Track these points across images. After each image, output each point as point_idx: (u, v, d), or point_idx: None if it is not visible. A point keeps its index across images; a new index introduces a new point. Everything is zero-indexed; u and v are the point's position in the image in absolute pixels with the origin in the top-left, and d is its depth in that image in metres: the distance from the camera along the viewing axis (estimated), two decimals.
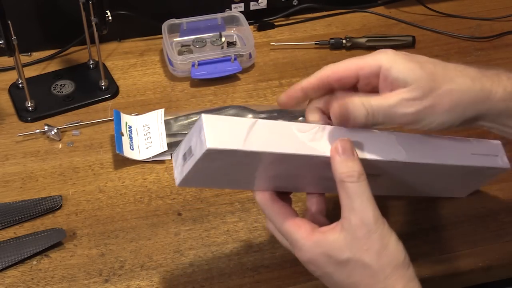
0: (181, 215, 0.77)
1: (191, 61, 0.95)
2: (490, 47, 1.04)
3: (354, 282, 0.55)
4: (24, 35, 0.86)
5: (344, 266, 0.54)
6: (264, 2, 1.06)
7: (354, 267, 0.54)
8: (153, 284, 0.70)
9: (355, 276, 0.54)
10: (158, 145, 0.84)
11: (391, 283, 0.53)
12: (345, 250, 0.54)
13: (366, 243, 0.53)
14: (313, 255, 0.56)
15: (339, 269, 0.55)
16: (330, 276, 0.56)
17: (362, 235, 0.53)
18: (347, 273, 0.55)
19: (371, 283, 0.54)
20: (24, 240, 0.72)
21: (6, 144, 0.86)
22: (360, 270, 0.54)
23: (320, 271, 0.57)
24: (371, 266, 0.53)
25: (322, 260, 0.55)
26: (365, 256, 0.53)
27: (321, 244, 0.55)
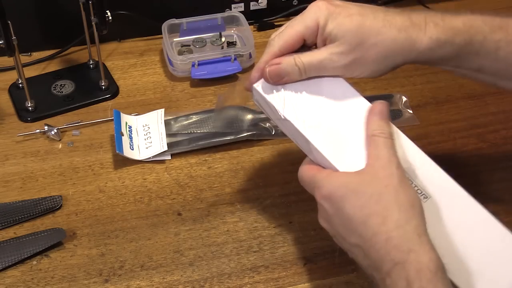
0: (181, 215, 0.77)
1: (191, 61, 0.95)
2: None
3: (367, 213, 0.54)
4: (24, 35, 0.86)
5: (360, 197, 0.54)
6: (264, 2, 1.06)
7: (370, 199, 0.54)
8: (153, 284, 0.70)
9: (369, 208, 0.54)
10: (158, 145, 0.84)
11: (405, 217, 0.53)
12: (363, 184, 0.54)
13: (386, 181, 0.54)
14: (330, 188, 0.56)
15: (355, 199, 0.54)
16: (343, 209, 0.55)
17: (383, 175, 0.54)
18: (361, 204, 0.54)
19: (385, 213, 0.53)
20: (24, 240, 0.72)
21: (6, 144, 0.86)
22: (376, 201, 0.53)
23: (334, 206, 0.56)
24: (389, 198, 0.53)
25: (339, 192, 0.55)
26: (384, 191, 0.54)
27: (339, 178, 0.56)
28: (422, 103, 0.93)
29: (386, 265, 0.52)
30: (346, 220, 0.55)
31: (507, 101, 0.94)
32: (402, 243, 0.52)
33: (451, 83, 0.96)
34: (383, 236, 0.53)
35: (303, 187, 0.62)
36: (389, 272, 0.52)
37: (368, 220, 0.53)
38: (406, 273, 0.51)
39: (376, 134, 0.58)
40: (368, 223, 0.53)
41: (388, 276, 0.52)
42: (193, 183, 0.81)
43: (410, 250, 0.51)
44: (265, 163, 0.84)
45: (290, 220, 0.76)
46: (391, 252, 0.52)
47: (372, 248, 0.53)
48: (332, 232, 0.59)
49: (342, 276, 0.70)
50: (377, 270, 0.53)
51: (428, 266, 0.51)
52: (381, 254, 0.53)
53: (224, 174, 0.82)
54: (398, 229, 0.52)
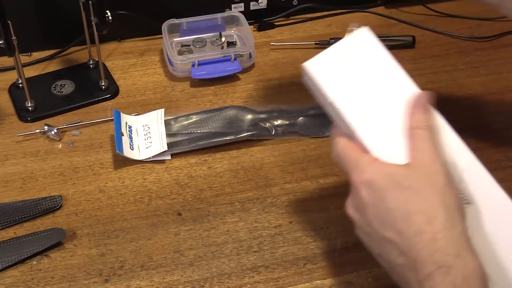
0: (181, 215, 0.77)
1: (191, 61, 0.95)
2: (490, 47, 1.04)
3: (411, 210, 0.52)
4: (24, 35, 0.86)
5: (404, 191, 0.52)
6: (264, 2, 1.06)
7: (416, 195, 0.52)
8: (153, 284, 0.70)
9: (412, 204, 0.52)
10: (158, 145, 0.84)
11: (452, 218, 0.51)
12: (409, 178, 0.53)
13: (433, 178, 0.52)
14: (374, 175, 0.54)
15: (398, 192, 0.52)
16: (383, 200, 0.53)
17: (430, 172, 0.53)
18: (405, 198, 0.52)
19: (431, 212, 0.51)
20: (24, 240, 0.72)
21: (6, 144, 0.86)
22: (421, 200, 0.51)
23: (374, 194, 0.54)
24: (436, 200, 0.51)
25: (382, 181, 0.53)
26: (431, 189, 0.52)
27: (385, 168, 0.54)
28: None
29: (428, 267, 0.50)
30: (385, 212, 0.53)
31: (507, 101, 0.94)
32: (448, 246, 0.50)
33: (451, 83, 0.96)
34: (428, 235, 0.50)
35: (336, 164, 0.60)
36: (431, 274, 0.49)
37: (412, 216, 0.51)
38: (453, 278, 0.49)
39: (418, 127, 0.57)
40: (412, 219, 0.51)
41: (429, 279, 0.50)
42: (193, 183, 0.81)
43: (457, 254, 0.49)
44: (265, 163, 0.84)
45: (290, 220, 0.76)
46: (436, 254, 0.50)
47: (413, 247, 0.51)
48: (360, 222, 0.56)
49: (342, 276, 0.70)
50: (414, 270, 0.51)
51: (475, 273, 0.49)
52: (423, 255, 0.50)
53: (224, 174, 0.82)
54: (445, 231, 0.50)
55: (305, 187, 0.80)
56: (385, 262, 0.55)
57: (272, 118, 0.88)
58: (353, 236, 0.59)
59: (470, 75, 0.98)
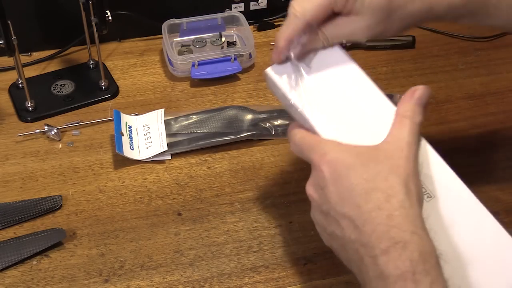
0: (181, 215, 0.77)
1: (191, 61, 0.95)
2: (490, 47, 1.04)
3: (371, 187, 0.52)
4: (24, 35, 0.86)
5: (368, 169, 0.52)
6: (264, 2, 1.06)
7: (378, 174, 0.52)
8: (153, 284, 0.70)
9: (375, 182, 0.52)
10: (158, 145, 0.84)
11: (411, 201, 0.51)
12: (376, 160, 0.52)
13: (399, 163, 0.52)
14: (339, 155, 0.54)
15: (362, 170, 0.52)
16: (345, 178, 0.53)
17: (398, 157, 0.53)
18: (367, 176, 0.52)
19: (389, 194, 0.51)
20: (24, 240, 0.72)
21: (6, 144, 0.86)
22: (383, 179, 0.51)
23: (336, 173, 0.53)
24: (397, 182, 0.51)
25: (348, 160, 0.53)
26: (394, 171, 0.52)
27: (352, 148, 0.54)
28: None
29: (384, 242, 0.50)
30: (345, 189, 0.53)
31: (507, 101, 0.94)
32: (405, 223, 0.50)
33: (451, 83, 0.96)
34: (384, 212, 0.50)
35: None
36: (387, 250, 0.49)
37: (372, 193, 0.51)
38: (409, 254, 0.49)
39: (407, 115, 0.56)
40: (371, 196, 0.51)
41: (385, 254, 0.49)
42: (193, 183, 0.81)
43: (413, 231, 0.49)
44: (265, 163, 0.84)
45: (290, 220, 0.76)
46: (392, 230, 0.50)
47: (370, 222, 0.51)
48: (318, 201, 0.56)
49: (342, 276, 0.70)
50: (369, 246, 0.51)
51: (431, 250, 0.49)
52: (379, 230, 0.50)
53: (224, 174, 0.82)
54: (401, 209, 0.50)
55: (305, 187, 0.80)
56: (337, 240, 0.54)
57: (272, 118, 0.88)
58: None
59: (470, 75, 0.98)
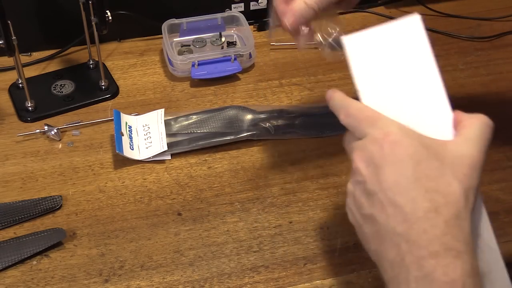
0: (181, 215, 0.77)
1: (191, 61, 0.95)
2: (490, 47, 1.04)
3: (431, 187, 0.49)
4: (24, 35, 0.86)
5: (436, 165, 0.50)
6: (264, 2, 1.06)
7: (442, 177, 0.49)
8: (153, 284, 0.70)
9: (438, 184, 0.49)
10: (158, 145, 0.84)
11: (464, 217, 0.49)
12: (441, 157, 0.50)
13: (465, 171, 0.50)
14: (404, 139, 0.51)
15: (429, 164, 0.50)
16: (407, 166, 0.50)
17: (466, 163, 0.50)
18: (431, 174, 0.49)
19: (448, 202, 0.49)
20: (24, 240, 0.72)
21: (6, 144, 0.86)
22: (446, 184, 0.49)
23: (400, 157, 0.50)
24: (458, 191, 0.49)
25: (415, 148, 0.50)
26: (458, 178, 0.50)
27: (417, 136, 0.51)
28: None
29: (434, 245, 0.48)
30: (404, 178, 0.50)
31: (507, 101, 0.94)
32: (460, 233, 0.48)
33: (451, 83, 0.96)
34: (441, 217, 0.48)
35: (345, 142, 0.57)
36: (438, 253, 0.48)
37: (432, 193, 0.49)
38: (461, 264, 0.47)
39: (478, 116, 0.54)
40: (431, 196, 0.49)
41: (434, 257, 0.48)
42: (193, 183, 0.81)
43: (467, 243, 0.48)
44: (265, 163, 0.84)
45: (290, 220, 0.76)
46: (446, 236, 0.48)
47: (423, 221, 0.49)
48: (367, 177, 0.52)
49: (342, 276, 0.70)
50: (415, 245, 0.49)
51: (478, 268, 0.48)
52: (432, 233, 0.48)
53: (224, 174, 0.82)
54: (458, 220, 0.48)
55: (305, 187, 0.80)
56: (375, 225, 0.52)
57: (272, 118, 0.88)
58: (353, 236, 0.59)
59: (470, 75, 0.98)
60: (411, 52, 0.59)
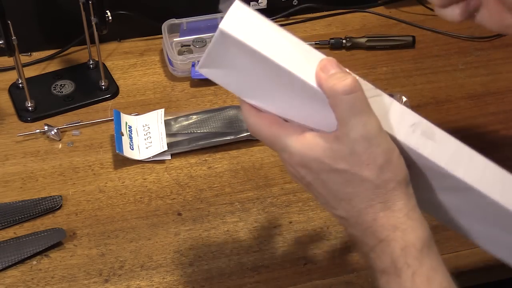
0: (181, 215, 0.77)
1: (191, 61, 0.95)
2: (490, 47, 1.04)
3: (351, 193, 0.51)
4: (24, 35, 0.86)
5: (340, 174, 0.51)
6: (264, 2, 1.06)
7: (352, 179, 0.51)
8: (153, 284, 0.70)
9: (353, 187, 0.51)
10: (158, 145, 0.84)
11: (391, 198, 0.51)
12: (340, 161, 0.50)
13: (367, 158, 0.49)
14: (304, 159, 0.51)
15: (335, 176, 0.51)
16: (324, 183, 0.52)
17: (362, 150, 0.49)
18: (343, 181, 0.51)
19: (369, 197, 0.51)
20: (24, 240, 0.72)
21: (6, 144, 0.86)
22: (358, 182, 0.50)
23: (313, 175, 0.52)
24: (372, 181, 0.50)
25: (315, 165, 0.51)
26: (365, 171, 0.50)
27: (312, 148, 0.51)
28: (422, 103, 0.93)
29: (371, 241, 0.51)
30: (329, 192, 0.52)
31: (507, 101, 0.94)
32: (388, 222, 0.51)
33: (451, 83, 0.96)
34: (368, 216, 0.51)
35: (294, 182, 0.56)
36: (374, 247, 0.51)
37: (352, 200, 0.51)
38: (391, 250, 0.50)
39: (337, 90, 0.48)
40: (353, 203, 0.51)
41: (373, 251, 0.52)
42: (193, 183, 0.81)
43: (396, 228, 0.50)
44: (265, 163, 0.84)
45: (290, 220, 0.76)
46: (377, 230, 0.51)
47: (358, 225, 0.52)
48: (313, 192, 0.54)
49: (342, 276, 0.70)
50: (363, 243, 0.53)
51: (414, 243, 0.50)
52: (367, 232, 0.52)
53: (224, 174, 0.82)
54: (385, 211, 0.51)
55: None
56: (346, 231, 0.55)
57: None
58: None
59: (470, 75, 0.98)
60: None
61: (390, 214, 0.51)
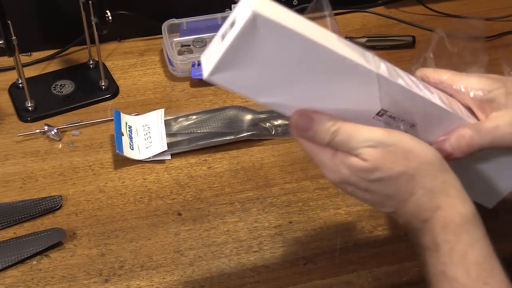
0: (181, 215, 0.77)
1: (191, 61, 0.95)
2: (490, 47, 1.04)
3: (392, 193, 0.54)
4: (24, 35, 0.86)
5: (377, 182, 0.54)
6: None
7: (388, 181, 0.54)
8: (153, 284, 0.70)
9: (392, 187, 0.54)
10: (158, 145, 0.84)
11: (428, 181, 0.54)
12: (372, 172, 0.53)
13: (389, 158, 0.53)
14: (343, 175, 0.55)
15: (373, 184, 0.54)
16: (366, 190, 0.55)
17: (382, 156, 0.53)
18: (382, 187, 0.54)
19: (408, 188, 0.54)
20: (24, 240, 0.72)
21: (6, 144, 0.86)
22: (394, 181, 0.54)
23: (352, 187, 0.56)
24: (405, 172, 0.53)
25: (353, 179, 0.55)
26: (394, 168, 0.53)
27: (347, 165, 0.54)
28: None
29: (417, 224, 0.54)
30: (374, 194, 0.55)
31: None
32: (430, 203, 0.54)
33: None
34: (413, 204, 0.54)
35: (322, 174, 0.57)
36: (420, 229, 0.54)
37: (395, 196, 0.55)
38: (432, 228, 0.53)
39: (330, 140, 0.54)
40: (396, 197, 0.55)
41: (420, 233, 0.54)
42: (193, 183, 0.81)
43: (437, 207, 0.53)
44: (265, 163, 0.84)
45: (290, 220, 0.76)
46: (421, 213, 0.54)
47: (405, 215, 0.55)
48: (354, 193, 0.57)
49: (342, 276, 0.70)
50: (412, 228, 0.56)
51: (453, 220, 0.53)
52: (413, 218, 0.55)
53: (224, 174, 0.82)
54: (425, 195, 0.54)
55: (305, 187, 0.80)
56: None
57: (272, 118, 0.88)
58: (353, 236, 0.59)
59: None
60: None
61: (430, 195, 0.54)
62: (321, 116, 0.53)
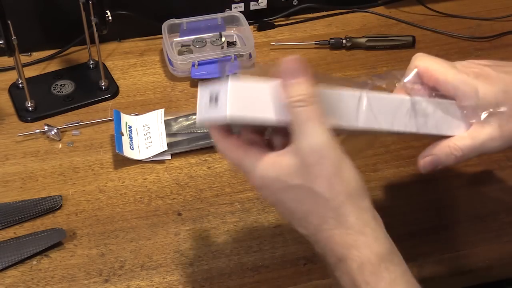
0: (181, 215, 0.77)
1: (191, 61, 0.95)
2: (490, 47, 1.04)
3: (306, 210, 0.52)
4: (24, 35, 0.86)
5: (296, 192, 0.52)
6: (264, 2, 1.06)
7: (306, 195, 0.51)
8: (153, 284, 0.70)
9: (307, 204, 0.52)
10: (158, 145, 0.84)
11: (342, 212, 0.51)
12: (295, 176, 0.51)
13: (316, 170, 0.50)
14: (266, 179, 0.53)
15: (291, 194, 0.52)
16: (283, 202, 0.53)
17: (312, 162, 0.50)
18: (299, 199, 0.52)
19: (322, 212, 0.51)
20: (24, 240, 0.72)
21: (6, 144, 0.86)
22: (311, 198, 0.51)
23: (273, 196, 0.54)
24: (322, 194, 0.51)
25: (275, 185, 0.52)
26: (315, 184, 0.51)
27: (273, 168, 0.52)
28: None
29: (332, 259, 0.52)
30: (289, 211, 0.54)
31: None
32: (343, 240, 0.51)
33: None
34: (324, 234, 0.52)
35: None
36: (335, 266, 0.52)
37: (308, 217, 0.52)
38: (349, 269, 0.51)
39: (293, 104, 0.51)
40: (309, 220, 0.52)
41: (335, 270, 0.53)
42: (193, 183, 0.81)
43: (351, 246, 0.51)
44: None
45: None
46: (334, 248, 0.52)
47: (317, 243, 0.53)
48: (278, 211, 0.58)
49: None
50: (326, 261, 0.54)
51: (369, 259, 0.50)
52: (326, 250, 0.53)
53: (224, 174, 0.82)
54: (338, 228, 0.51)
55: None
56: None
57: None
58: None
59: None
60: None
61: (343, 232, 0.51)
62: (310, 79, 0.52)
